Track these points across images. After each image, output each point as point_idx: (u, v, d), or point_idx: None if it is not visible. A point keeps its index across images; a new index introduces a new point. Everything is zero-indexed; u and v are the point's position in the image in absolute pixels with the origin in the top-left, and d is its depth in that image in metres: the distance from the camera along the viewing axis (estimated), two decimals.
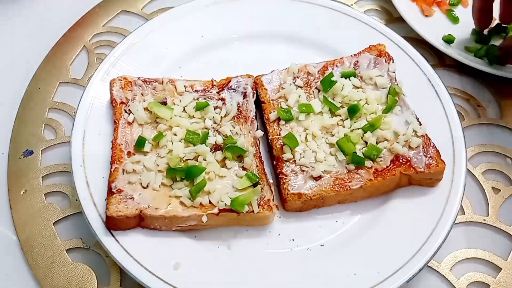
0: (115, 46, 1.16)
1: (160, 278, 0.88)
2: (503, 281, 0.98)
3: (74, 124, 1.03)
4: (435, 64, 1.28)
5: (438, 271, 0.98)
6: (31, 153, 1.10)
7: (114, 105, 1.05)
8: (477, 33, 1.29)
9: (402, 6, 1.32)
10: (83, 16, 1.33)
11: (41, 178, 1.06)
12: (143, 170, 0.96)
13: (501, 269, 0.99)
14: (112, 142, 1.00)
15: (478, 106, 1.21)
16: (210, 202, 0.93)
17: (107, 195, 0.93)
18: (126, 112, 1.03)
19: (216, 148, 1.00)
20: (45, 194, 1.05)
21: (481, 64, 1.22)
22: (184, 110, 1.05)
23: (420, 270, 0.90)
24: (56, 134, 1.14)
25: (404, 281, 0.89)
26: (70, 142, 1.00)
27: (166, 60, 1.18)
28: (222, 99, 1.07)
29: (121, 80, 1.07)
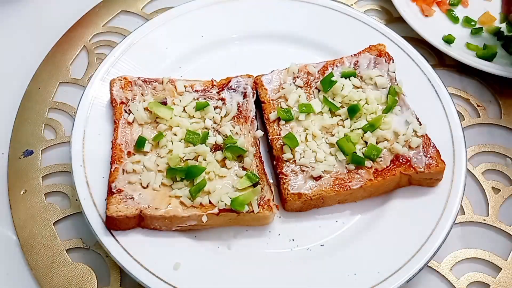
0: (115, 46, 1.15)
1: (160, 278, 0.88)
2: (503, 281, 0.98)
3: (74, 124, 1.03)
4: (435, 64, 1.28)
5: (438, 271, 0.98)
6: (31, 153, 1.10)
7: (114, 105, 1.05)
8: (505, 16, 1.27)
9: (402, 6, 1.32)
10: (83, 16, 1.33)
11: (41, 178, 1.06)
12: (143, 170, 0.96)
13: (501, 269, 0.99)
14: (112, 142, 1.00)
15: (478, 106, 1.21)
16: (210, 202, 0.93)
17: (107, 195, 0.93)
18: (126, 112, 1.03)
19: (216, 148, 1.00)
20: (45, 194, 1.05)
21: (481, 64, 1.22)
22: (184, 110, 1.05)
23: (420, 270, 0.90)
24: (56, 134, 1.14)
25: (404, 281, 0.89)
26: (70, 142, 1.00)
27: (166, 60, 1.18)
28: (222, 99, 1.07)
29: (121, 80, 1.07)
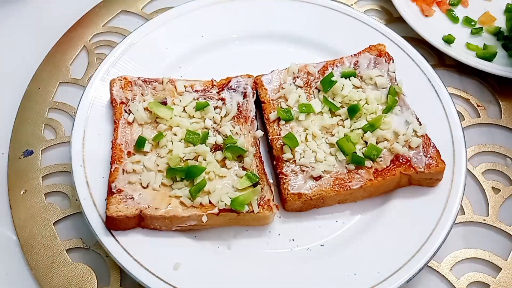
0: (115, 46, 1.15)
1: (160, 278, 0.88)
2: (503, 281, 0.98)
3: (74, 124, 1.02)
4: (435, 64, 1.28)
5: (438, 271, 0.98)
6: (31, 153, 1.10)
7: (114, 105, 1.05)
8: None
9: (402, 6, 1.32)
10: (83, 16, 1.33)
11: (41, 178, 1.06)
12: (143, 170, 0.96)
13: (501, 269, 0.99)
14: (112, 142, 1.00)
15: (478, 106, 1.21)
16: (210, 202, 0.93)
17: (107, 195, 0.93)
18: (126, 112, 1.03)
19: (216, 148, 1.00)
20: (45, 194, 1.05)
21: (481, 64, 1.22)
22: (184, 110, 1.05)
23: (420, 270, 0.90)
24: (56, 134, 1.13)
25: (404, 281, 0.89)
26: (70, 142, 1.00)
27: (166, 60, 1.18)
28: (222, 99, 1.07)
29: (121, 80, 1.07)
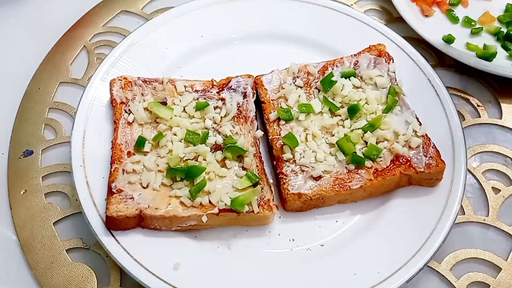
0: (115, 46, 1.15)
1: (160, 278, 0.88)
2: (503, 281, 0.97)
3: (74, 124, 1.02)
4: (435, 64, 1.28)
5: (438, 271, 0.98)
6: (31, 153, 1.10)
7: (114, 105, 1.05)
8: None
9: (402, 6, 1.32)
10: (83, 16, 1.33)
11: (41, 178, 1.06)
12: (143, 170, 0.96)
13: (501, 269, 0.99)
14: (112, 142, 1.00)
15: (478, 106, 1.21)
16: (210, 202, 0.93)
17: (107, 195, 0.93)
18: (126, 112, 1.03)
19: (216, 148, 1.00)
20: (45, 194, 1.05)
21: (481, 64, 1.22)
22: (184, 110, 1.05)
23: (420, 270, 0.90)
24: (56, 134, 1.13)
25: (404, 281, 0.89)
26: (70, 142, 1.00)
27: (166, 60, 1.18)
28: (222, 99, 1.07)
29: (121, 80, 1.07)
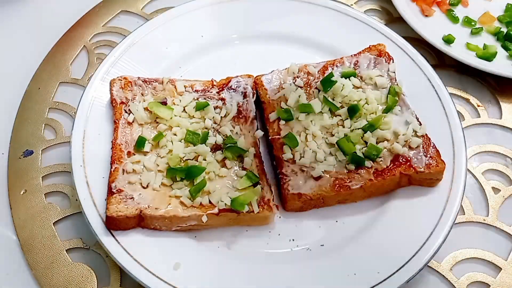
0: (115, 46, 1.15)
1: (160, 278, 0.88)
2: (503, 281, 0.97)
3: (74, 124, 1.02)
4: (435, 64, 1.28)
5: (438, 271, 0.98)
6: (31, 153, 1.10)
7: (114, 105, 1.05)
8: None
9: (402, 6, 1.31)
10: (83, 16, 1.33)
11: (41, 178, 1.06)
12: (143, 170, 0.96)
13: (501, 269, 0.99)
14: (112, 142, 1.00)
15: (478, 106, 1.21)
16: (210, 202, 0.93)
17: (107, 195, 0.93)
18: (126, 112, 1.03)
19: (216, 148, 1.00)
20: (45, 194, 1.05)
21: (481, 64, 1.22)
22: (184, 110, 1.05)
23: (420, 270, 0.90)
24: (56, 134, 1.13)
25: (404, 281, 0.89)
26: (70, 142, 1.00)
27: (166, 60, 1.18)
28: (222, 99, 1.07)
29: (121, 80, 1.07)
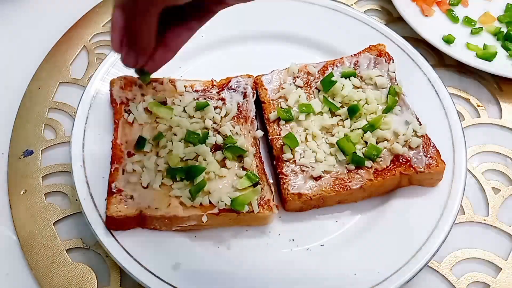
0: None
1: (160, 278, 0.88)
2: (503, 281, 0.97)
3: (74, 124, 1.02)
4: (435, 64, 1.28)
5: (438, 271, 0.98)
6: (31, 153, 1.10)
7: (114, 105, 1.04)
8: None
9: (402, 6, 1.31)
10: (83, 16, 1.33)
11: (41, 178, 1.06)
12: (143, 170, 0.96)
13: (501, 269, 0.99)
14: (112, 142, 1.00)
15: (478, 106, 1.21)
16: (210, 202, 0.93)
17: (107, 195, 0.93)
18: (126, 112, 1.03)
19: (216, 148, 1.00)
20: (45, 194, 1.05)
21: (481, 64, 1.22)
22: (184, 110, 1.05)
23: (420, 270, 0.90)
24: (56, 134, 1.13)
25: (404, 281, 0.89)
26: (70, 142, 1.00)
27: None
28: (222, 99, 1.07)
29: (121, 80, 1.07)
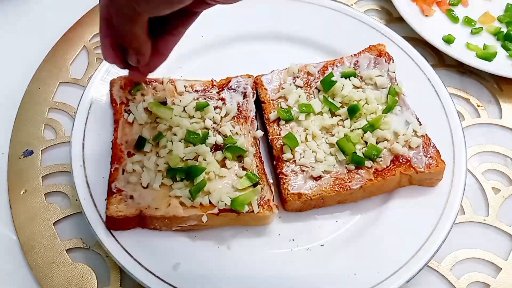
0: None
1: (160, 278, 0.88)
2: (503, 281, 0.97)
3: (74, 124, 1.02)
4: (435, 64, 1.28)
5: (438, 271, 0.98)
6: (31, 153, 1.10)
7: (114, 105, 1.04)
8: None
9: (402, 6, 1.31)
10: (83, 16, 1.33)
11: (41, 178, 1.06)
12: (143, 170, 0.96)
13: (501, 269, 0.99)
14: (112, 142, 1.00)
15: (478, 106, 1.21)
16: (210, 202, 0.93)
17: (107, 195, 0.93)
18: (126, 112, 1.03)
19: (216, 148, 1.00)
20: (45, 194, 1.04)
21: (481, 64, 1.22)
22: (184, 110, 1.05)
23: (420, 270, 0.90)
24: (56, 134, 1.13)
25: (404, 281, 0.89)
26: (70, 142, 1.00)
27: (166, 60, 1.17)
28: (222, 99, 1.07)
29: (121, 80, 1.07)
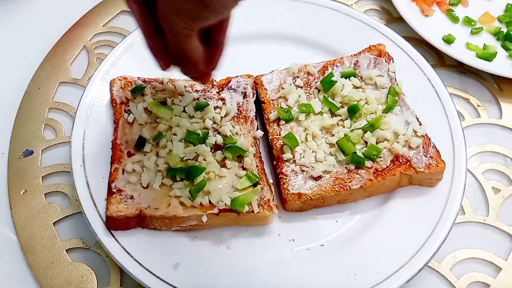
0: (115, 46, 1.15)
1: (160, 278, 0.88)
2: (503, 281, 0.97)
3: (74, 124, 1.03)
4: (435, 64, 1.28)
5: (438, 271, 0.98)
6: (31, 153, 1.10)
7: (114, 105, 1.05)
8: None
9: (402, 6, 1.31)
10: (83, 16, 1.33)
11: (41, 178, 1.06)
12: (143, 170, 0.96)
13: (501, 269, 0.99)
14: (112, 142, 1.00)
15: (478, 106, 1.21)
16: (210, 202, 0.93)
17: (107, 195, 0.93)
18: (126, 112, 1.03)
19: (216, 148, 1.00)
20: (45, 194, 1.05)
21: (481, 64, 1.22)
22: (184, 110, 1.05)
23: (420, 270, 0.90)
24: (56, 134, 1.13)
25: (404, 281, 0.89)
26: (70, 142, 1.00)
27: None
28: (222, 99, 1.07)
29: (121, 80, 1.07)
